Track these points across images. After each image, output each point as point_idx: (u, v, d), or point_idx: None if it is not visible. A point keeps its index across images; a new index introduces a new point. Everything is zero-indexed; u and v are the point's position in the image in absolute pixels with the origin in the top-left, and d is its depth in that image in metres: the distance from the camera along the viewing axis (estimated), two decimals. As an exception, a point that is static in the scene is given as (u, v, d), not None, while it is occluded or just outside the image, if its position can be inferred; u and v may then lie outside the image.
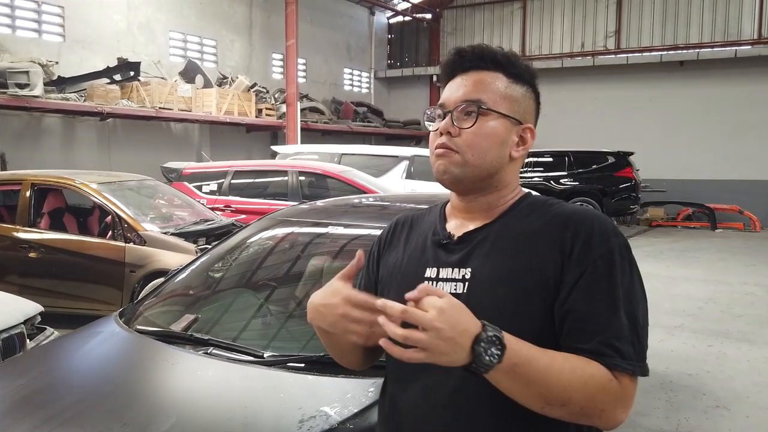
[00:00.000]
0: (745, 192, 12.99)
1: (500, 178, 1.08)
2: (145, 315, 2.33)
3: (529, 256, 1.01)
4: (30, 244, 5.26)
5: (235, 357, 1.86)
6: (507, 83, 1.08)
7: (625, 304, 0.97)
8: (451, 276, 1.04)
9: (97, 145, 10.45)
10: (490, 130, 1.05)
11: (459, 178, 1.06)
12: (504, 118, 1.06)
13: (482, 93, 1.06)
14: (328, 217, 2.76)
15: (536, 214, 1.06)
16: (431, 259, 1.08)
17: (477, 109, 1.05)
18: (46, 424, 1.52)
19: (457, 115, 1.06)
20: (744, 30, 13.89)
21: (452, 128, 1.05)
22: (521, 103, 1.09)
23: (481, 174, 1.06)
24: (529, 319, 0.98)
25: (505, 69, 1.09)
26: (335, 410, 1.55)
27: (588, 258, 0.98)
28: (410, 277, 1.08)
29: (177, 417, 1.55)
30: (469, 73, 1.08)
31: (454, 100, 1.07)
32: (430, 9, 17.55)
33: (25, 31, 9.68)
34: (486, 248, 1.04)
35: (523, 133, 1.10)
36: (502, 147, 1.07)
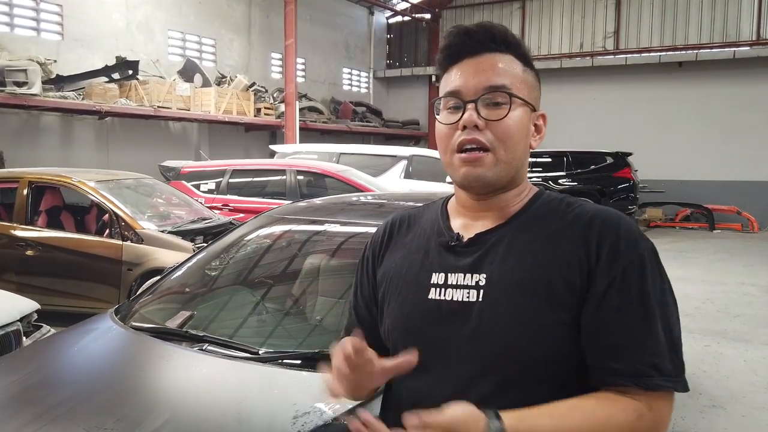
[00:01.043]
0: (744, 193, 13.00)
1: (521, 172, 0.99)
2: (140, 312, 2.33)
3: (550, 261, 0.91)
4: (27, 242, 5.25)
5: (230, 354, 1.86)
6: (522, 67, 0.98)
7: (661, 314, 0.89)
8: (462, 282, 0.94)
9: (96, 143, 10.44)
10: (519, 121, 0.95)
11: (491, 181, 0.95)
12: (526, 106, 0.96)
13: (505, 77, 0.95)
14: (325, 215, 2.76)
15: (554, 214, 0.96)
16: (437, 264, 0.99)
17: (509, 98, 0.93)
18: (38, 419, 1.52)
19: (482, 105, 0.93)
20: (743, 31, 13.90)
21: (479, 120, 0.93)
22: (535, 90, 1.00)
23: (512, 171, 0.96)
24: (550, 331, 0.89)
25: (516, 51, 0.99)
26: (330, 406, 1.54)
27: (617, 265, 0.89)
28: (413, 284, 0.99)
29: (171, 413, 1.55)
30: (482, 55, 0.96)
31: (474, 88, 0.94)
32: (430, 9, 17.55)
33: (24, 30, 9.67)
34: (501, 252, 0.94)
35: (537, 121, 1.01)
36: (527, 136, 0.98)
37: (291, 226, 2.81)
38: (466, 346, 0.92)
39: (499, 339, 0.90)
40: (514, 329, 0.89)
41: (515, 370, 0.90)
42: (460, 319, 0.93)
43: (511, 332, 0.89)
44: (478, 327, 0.92)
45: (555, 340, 0.89)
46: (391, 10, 17.95)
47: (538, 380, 0.90)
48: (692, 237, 11.84)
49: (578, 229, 0.92)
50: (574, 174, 11.86)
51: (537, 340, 0.88)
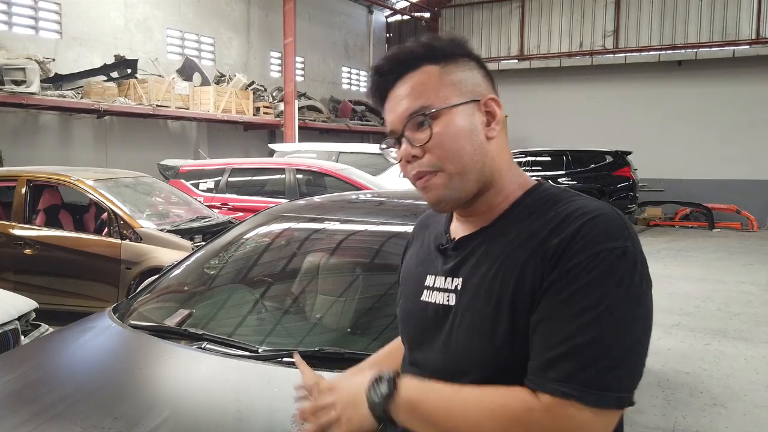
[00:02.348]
0: (743, 192, 13.01)
1: (489, 170, 0.94)
2: (139, 310, 2.31)
3: (519, 267, 0.87)
4: (25, 241, 5.24)
5: (229, 352, 1.84)
6: (439, 71, 0.94)
7: (591, 321, 0.79)
8: (443, 286, 0.97)
9: (94, 142, 10.42)
10: (450, 129, 0.91)
11: (454, 197, 0.94)
12: (456, 108, 0.92)
13: (421, 97, 0.92)
14: (324, 213, 2.74)
15: (540, 212, 0.91)
16: (431, 265, 1.02)
17: (425, 117, 0.91)
18: (36, 418, 1.51)
19: (409, 134, 0.93)
20: (742, 30, 13.89)
21: (415, 150, 0.93)
22: (466, 81, 0.94)
23: (470, 178, 0.92)
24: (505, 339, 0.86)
25: (429, 58, 0.94)
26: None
27: (562, 264, 0.83)
28: (412, 283, 1.05)
29: (169, 411, 1.54)
30: (396, 86, 0.95)
31: (399, 121, 0.94)
32: (429, 8, 17.53)
33: (22, 28, 9.64)
34: (477, 256, 0.94)
35: (487, 107, 0.95)
36: (472, 135, 0.92)
37: (290, 224, 2.79)
38: (441, 350, 0.95)
39: (462, 346, 0.91)
40: (472, 336, 0.90)
41: (477, 378, 0.88)
42: (440, 322, 0.96)
43: (471, 339, 0.90)
44: (449, 332, 0.94)
45: (510, 349, 0.86)
46: (391, 9, 17.93)
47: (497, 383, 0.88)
48: (692, 236, 11.84)
49: (549, 229, 0.87)
50: (574, 173, 11.85)
51: (494, 349, 0.87)
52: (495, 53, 16.86)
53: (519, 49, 16.57)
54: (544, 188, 0.97)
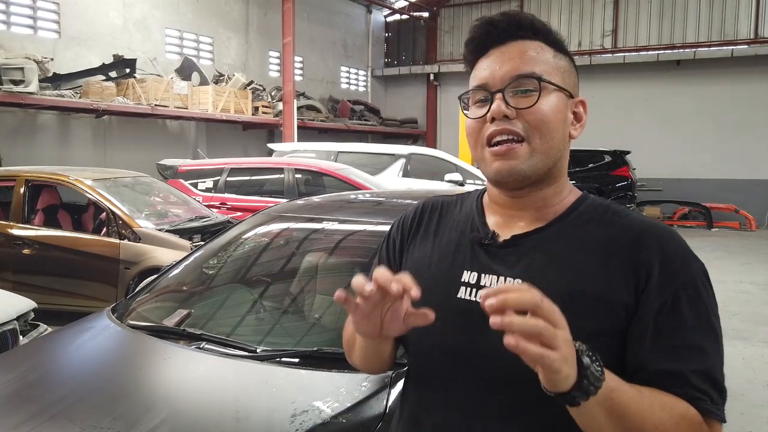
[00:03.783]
0: (741, 191, 13.02)
1: (561, 165, 0.93)
2: (137, 310, 2.32)
3: (593, 274, 0.84)
4: (24, 241, 5.23)
5: (228, 352, 1.85)
6: (553, 53, 0.92)
7: (712, 340, 0.83)
8: (496, 285, 0.87)
9: (93, 142, 10.41)
10: (554, 106, 0.88)
11: (527, 174, 0.88)
12: (561, 92, 0.90)
13: (534, 64, 0.89)
14: (322, 213, 2.75)
15: (600, 222, 0.90)
16: (469, 261, 0.92)
17: (538, 83, 0.87)
18: (34, 418, 1.51)
19: (510, 94, 0.88)
20: (740, 30, 13.90)
21: (509, 110, 0.87)
22: (571, 75, 0.93)
23: (549, 162, 0.89)
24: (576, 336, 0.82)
25: (545, 37, 0.93)
26: (328, 405, 1.54)
27: (670, 285, 0.83)
28: (442, 279, 0.93)
29: (168, 411, 1.54)
30: (508, 44, 0.91)
31: (501, 77, 0.88)
32: (428, 7, 17.52)
33: (20, 28, 9.63)
34: (540, 258, 0.88)
35: (576, 108, 0.94)
36: (564, 125, 0.91)
37: (289, 224, 2.80)
38: (481, 357, 0.87)
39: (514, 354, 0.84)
40: None
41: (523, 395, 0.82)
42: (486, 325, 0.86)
43: None
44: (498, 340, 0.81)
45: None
46: (389, 9, 17.93)
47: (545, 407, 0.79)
48: (690, 235, 11.85)
49: (626, 242, 0.86)
50: (572, 172, 11.84)
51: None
52: (494, 53, 16.86)
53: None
54: (593, 198, 0.96)
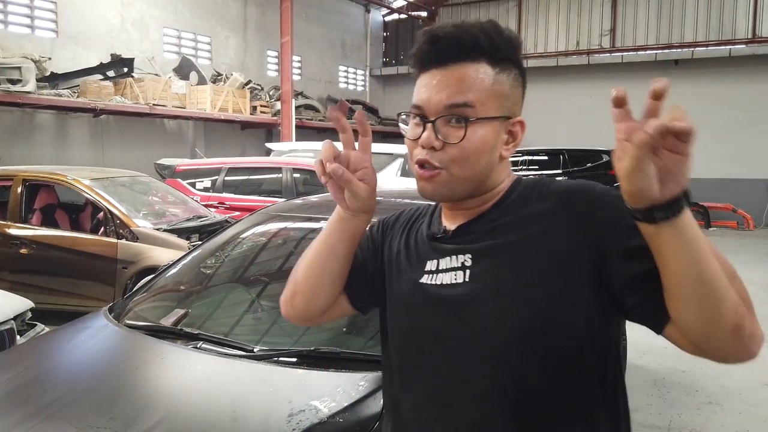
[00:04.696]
0: (739, 190, 13.03)
1: (491, 181, 0.98)
2: (134, 310, 2.31)
3: (537, 236, 0.91)
4: (21, 241, 5.22)
5: (225, 351, 1.84)
6: (493, 76, 0.94)
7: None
8: (450, 265, 0.96)
9: (90, 141, 10.39)
10: (479, 141, 0.92)
11: (447, 196, 0.96)
12: (493, 121, 0.93)
13: (469, 93, 0.92)
14: (320, 212, 2.74)
15: (534, 195, 0.96)
16: (431, 254, 1.00)
17: (465, 123, 0.91)
18: (31, 418, 1.50)
19: (441, 124, 0.92)
20: (738, 29, 13.92)
21: (436, 142, 0.92)
22: (510, 96, 0.96)
23: (471, 185, 0.95)
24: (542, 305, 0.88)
25: (489, 55, 0.93)
26: (325, 404, 1.53)
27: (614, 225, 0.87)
28: (409, 273, 1.02)
29: (165, 411, 1.54)
30: (448, 67, 0.93)
31: (435, 105, 0.92)
32: (426, 7, 17.52)
33: (18, 27, 9.61)
34: (485, 233, 0.96)
35: (512, 128, 0.98)
36: (491, 152, 0.95)
37: (286, 224, 2.79)
38: (456, 327, 0.93)
39: (485, 318, 0.90)
40: (496, 305, 0.89)
41: (505, 347, 0.89)
42: (450, 302, 0.94)
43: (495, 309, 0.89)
44: (464, 307, 0.93)
45: (542, 312, 0.88)
46: (388, 8, 17.92)
47: (530, 356, 0.89)
48: (688, 235, 11.86)
49: (559, 201, 0.93)
50: (570, 172, 11.86)
51: (524, 311, 0.88)
52: (492, 52, 16.87)
53: (516, 48, 16.58)
54: (525, 180, 1.02)
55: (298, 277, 1.06)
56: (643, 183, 0.73)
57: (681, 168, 0.72)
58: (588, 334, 0.89)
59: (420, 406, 0.97)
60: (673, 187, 0.73)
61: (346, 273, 1.05)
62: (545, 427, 0.89)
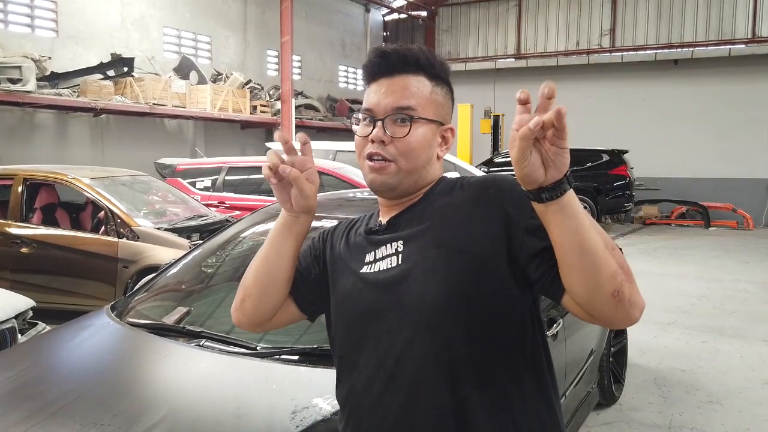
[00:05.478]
0: (739, 190, 13.04)
1: (425, 176, 1.12)
2: (137, 308, 2.32)
3: (454, 220, 1.04)
4: (22, 240, 5.22)
5: (228, 349, 1.85)
6: (431, 87, 1.11)
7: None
8: (386, 253, 1.08)
9: (90, 141, 10.39)
10: (421, 137, 1.08)
11: (394, 186, 1.09)
12: (431, 123, 1.10)
13: (411, 99, 1.08)
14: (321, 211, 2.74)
15: (452, 189, 1.10)
16: (368, 246, 1.12)
17: (410, 119, 1.07)
18: (35, 415, 1.51)
19: (389, 123, 1.07)
20: (738, 29, 13.93)
21: (385, 137, 1.07)
22: (444, 106, 1.13)
23: (412, 177, 1.10)
24: (463, 276, 1.00)
25: (426, 71, 1.11)
26: (328, 401, 1.54)
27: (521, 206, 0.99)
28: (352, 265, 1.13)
29: (168, 408, 1.54)
30: (394, 77, 1.10)
31: (384, 107, 1.08)
32: (426, 7, 17.52)
33: (18, 26, 9.61)
34: (413, 221, 1.09)
35: (444, 133, 1.14)
36: (430, 150, 1.11)
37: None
38: (393, 303, 1.04)
39: (416, 291, 1.01)
40: (429, 278, 1.00)
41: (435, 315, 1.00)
42: (386, 284, 1.06)
43: (428, 281, 1.00)
44: (399, 285, 1.04)
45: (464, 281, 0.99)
46: (387, 8, 17.92)
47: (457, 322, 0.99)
48: (688, 234, 11.87)
49: (475, 191, 1.06)
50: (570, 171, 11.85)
51: (452, 286, 0.99)
52: (492, 52, 16.87)
53: (516, 47, 16.59)
54: (448, 178, 1.17)
55: (248, 282, 1.15)
56: (528, 169, 0.85)
57: (559, 157, 0.85)
58: (506, 303, 1.01)
59: (369, 383, 1.06)
60: (556, 173, 0.86)
61: (292, 274, 1.15)
62: (475, 387, 1.00)
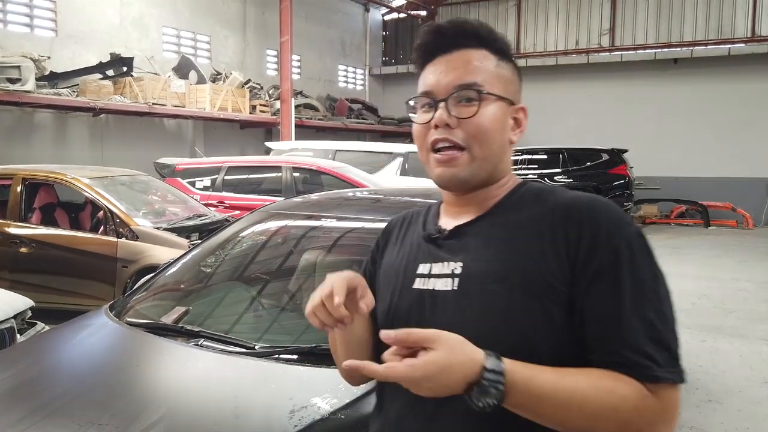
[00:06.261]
0: (738, 189, 13.04)
1: (502, 167, 0.98)
2: (135, 308, 2.31)
3: (527, 250, 0.89)
4: (21, 240, 5.22)
5: (226, 349, 1.85)
6: (496, 62, 0.97)
7: (652, 301, 0.85)
8: (442, 272, 0.95)
9: (90, 140, 10.39)
10: (492, 116, 0.94)
11: (466, 179, 0.95)
12: (501, 101, 0.95)
13: (476, 74, 0.94)
14: (320, 211, 2.75)
15: (534, 203, 0.95)
16: (424, 255, 0.99)
17: (478, 94, 0.93)
18: (33, 415, 1.51)
19: (452, 103, 0.93)
20: (737, 28, 13.92)
21: (450, 119, 0.93)
22: (512, 83, 0.99)
23: (487, 167, 0.95)
24: (526, 323, 0.86)
25: (489, 45, 0.97)
26: (326, 401, 1.54)
27: (599, 252, 0.86)
28: (402, 275, 1.01)
29: (167, 408, 1.54)
30: (453, 53, 0.96)
31: (445, 86, 0.94)
32: (425, 6, 17.51)
33: (17, 26, 9.60)
34: (478, 241, 0.94)
35: (516, 115, 0.99)
36: (503, 133, 0.96)
37: (287, 222, 2.79)
38: None
39: (472, 327, 0.87)
40: (484, 317, 0.88)
41: None
42: (439, 308, 0.93)
43: (484, 322, 0.88)
44: (453, 316, 0.91)
45: (528, 330, 0.86)
46: (387, 7, 17.92)
47: None
48: (687, 233, 11.88)
49: (557, 217, 0.90)
50: (570, 171, 11.87)
51: (509, 329, 0.86)
52: (491, 51, 16.87)
53: (515, 47, 16.57)
54: (531, 184, 1.01)
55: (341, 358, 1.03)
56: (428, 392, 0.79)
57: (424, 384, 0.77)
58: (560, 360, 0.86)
59: (404, 415, 0.95)
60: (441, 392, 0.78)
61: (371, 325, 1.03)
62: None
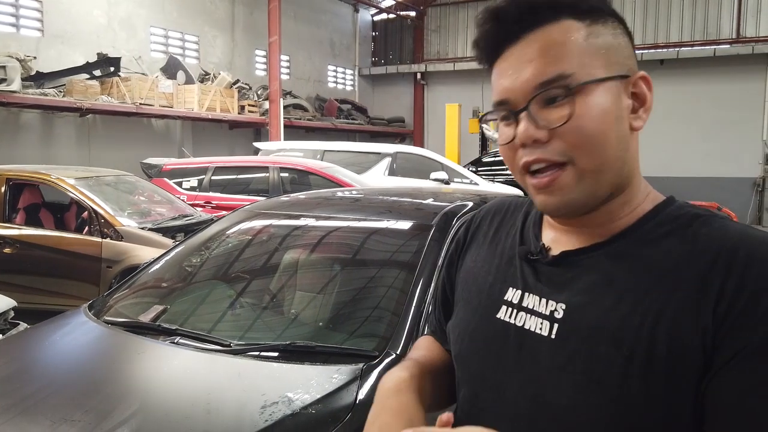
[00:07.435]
0: (724, 189, 13.19)
1: (627, 170, 0.72)
2: (114, 307, 2.32)
3: (658, 306, 0.65)
4: (5, 240, 5.20)
5: (202, 347, 1.86)
6: (585, 28, 0.71)
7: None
8: (537, 308, 0.74)
9: (77, 141, 10.34)
10: (595, 111, 0.68)
11: (581, 203, 0.71)
12: (605, 83, 0.69)
13: (560, 61, 0.69)
14: (302, 210, 2.77)
15: (679, 236, 0.69)
16: (515, 277, 0.78)
17: (565, 91, 0.68)
18: (6, 412, 1.52)
19: (536, 110, 0.69)
20: (723, 29, 14.07)
21: (538, 132, 0.69)
22: (618, 49, 0.72)
23: (608, 178, 0.70)
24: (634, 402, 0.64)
25: (570, 10, 0.71)
26: (298, 396, 1.56)
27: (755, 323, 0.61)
28: (485, 295, 0.81)
29: (140, 404, 1.56)
30: (523, 39, 0.70)
31: (522, 90, 0.70)
32: (414, 6, 17.56)
33: (2, 26, 9.54)
34: (592, 280, 0.71)
35: (636, 88, 0.72)
36: (618, 123, 0.70)
37: (269, 221, 2.81)
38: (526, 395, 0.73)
39: (568, 396, 0.68)
40: (583, 387, 0.67)
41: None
42: (526, 355, 0.73)
43: (586, 392, 0.67)
44: (548, 374, 0.71)
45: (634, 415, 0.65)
46: (376, 8, 17.95)
47: None
48: (674, 233, 11.98)
49: (706, 264, 0.65)
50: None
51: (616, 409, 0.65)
52: (480, 52, 16.94)
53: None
54: (678, 206, 0.73)
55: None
56: None
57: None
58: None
59: None
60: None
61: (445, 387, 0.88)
62: None
